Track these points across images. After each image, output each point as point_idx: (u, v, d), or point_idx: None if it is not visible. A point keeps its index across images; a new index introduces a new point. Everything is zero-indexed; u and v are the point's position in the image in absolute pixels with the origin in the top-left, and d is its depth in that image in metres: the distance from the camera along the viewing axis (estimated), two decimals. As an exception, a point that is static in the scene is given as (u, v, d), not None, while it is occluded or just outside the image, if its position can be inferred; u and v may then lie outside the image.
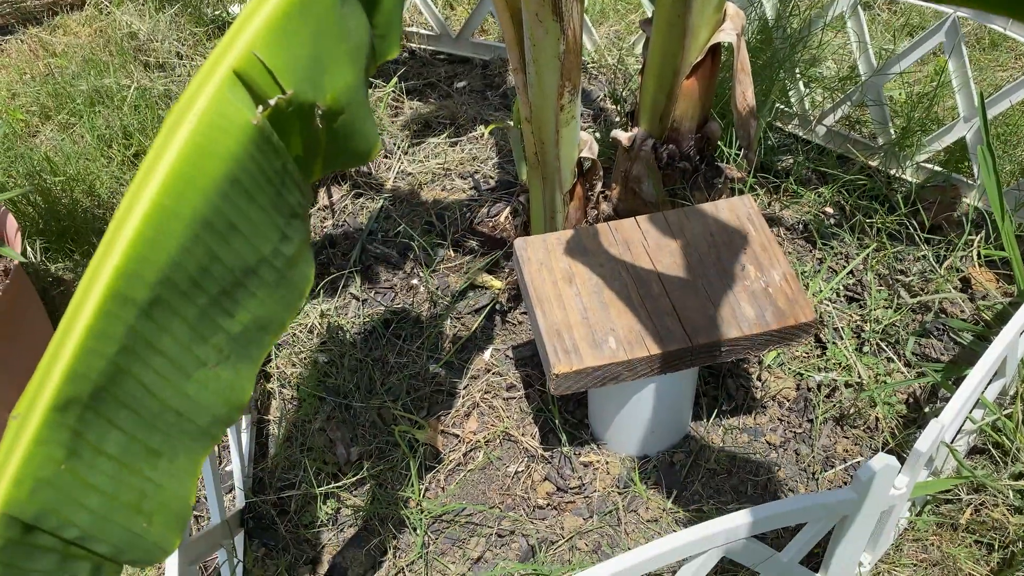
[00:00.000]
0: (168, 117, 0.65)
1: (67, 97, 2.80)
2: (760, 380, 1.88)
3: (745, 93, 1.81)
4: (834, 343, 1.96)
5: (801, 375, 1.90)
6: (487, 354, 2.01)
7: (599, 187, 1.79)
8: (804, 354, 1.96)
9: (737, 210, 1.63)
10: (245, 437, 1.83)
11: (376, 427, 1.86)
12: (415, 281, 2.15)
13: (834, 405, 1.85)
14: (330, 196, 2.44)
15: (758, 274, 1.51)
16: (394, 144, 2.54)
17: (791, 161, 2.45)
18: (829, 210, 2.35)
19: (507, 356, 2.00)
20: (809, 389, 1.89)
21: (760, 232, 1.59)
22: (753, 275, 1.51)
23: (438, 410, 1.88)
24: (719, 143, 2.12)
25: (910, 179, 2.33)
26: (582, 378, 1.41)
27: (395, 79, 2.69)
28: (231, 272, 0.70)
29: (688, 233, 1.59)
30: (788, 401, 1.87)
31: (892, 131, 2.37)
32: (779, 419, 1.84)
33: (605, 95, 2.69)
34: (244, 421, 1.85)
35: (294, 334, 2.07)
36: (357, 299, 2.13)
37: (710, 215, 1.62)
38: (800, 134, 2.57)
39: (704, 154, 2.00)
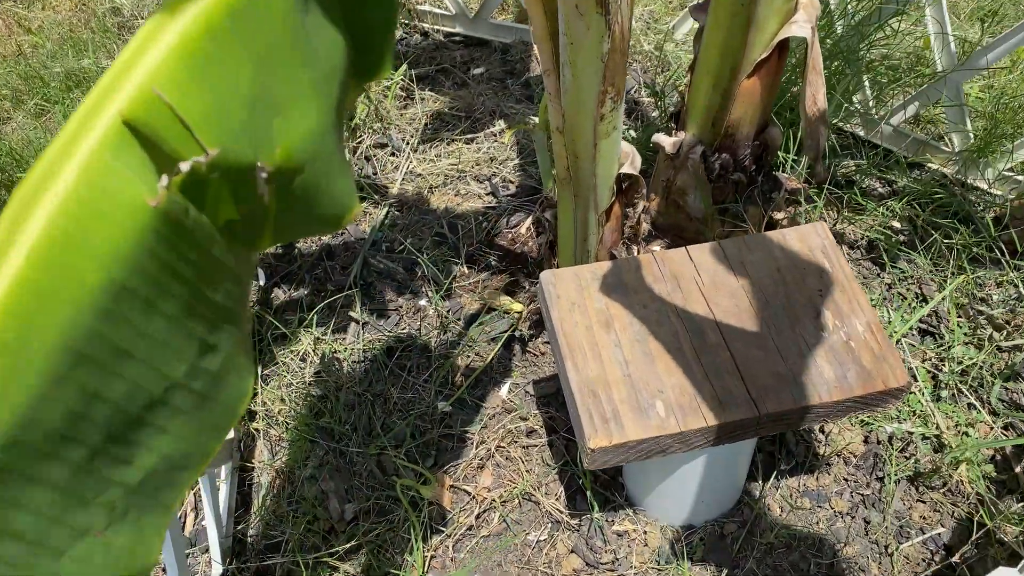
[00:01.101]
0: (14, 196, 0.42)
1: (40, 80, 2.57)
2: (823, 433, 1.64)
3: (816, 96, 1.55)
4: (910, 388, 1.71)
5: (870, 426, 1.66)
6: (504, 390, 1.77)
7: (641, 206, 1.54)
8: (874, 400, 1.71)
9: (809, 240, 1.38)
10: (224, 488, 1.62)
11: (374, 478, 1.63)
12: (423, 302, 1.92)
13: (909, 462, 1.61)
14: (329, 199, 2.20)
15: (837, 323, 1.26)
16: (403, 140, 2.30)
17: (852, 167, 2.19)
18: (896, 225, 2.09)
19: (528, 392, 1.76)
20: (879, 442, 1.65)
21: (838, 269, 1.34)
22: (831, 324, 1.27)
23: (446, 460, 1.66)
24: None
25: (995, 192, 2.06)
26: (623, 452, 1.18)
27: (404, 65, 2.44)
28: (123, 411, 0.48)
29: (750, 268, 1.34)
30: (855, 457, 1.63)
31: (971, 134, 2.10)
32: (845, 479, 1.61)
33: (640, 86, 2.43)
34: (224, 470, 1.63)
35: (283, 363, 1.84)
36: (356, 322, 1.90)
37: (776, 245, 1.38)
38: (861, 134, 2.30)
39: (761, 163, 1.74)
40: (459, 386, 1.77)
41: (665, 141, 1.74)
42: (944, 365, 1.76)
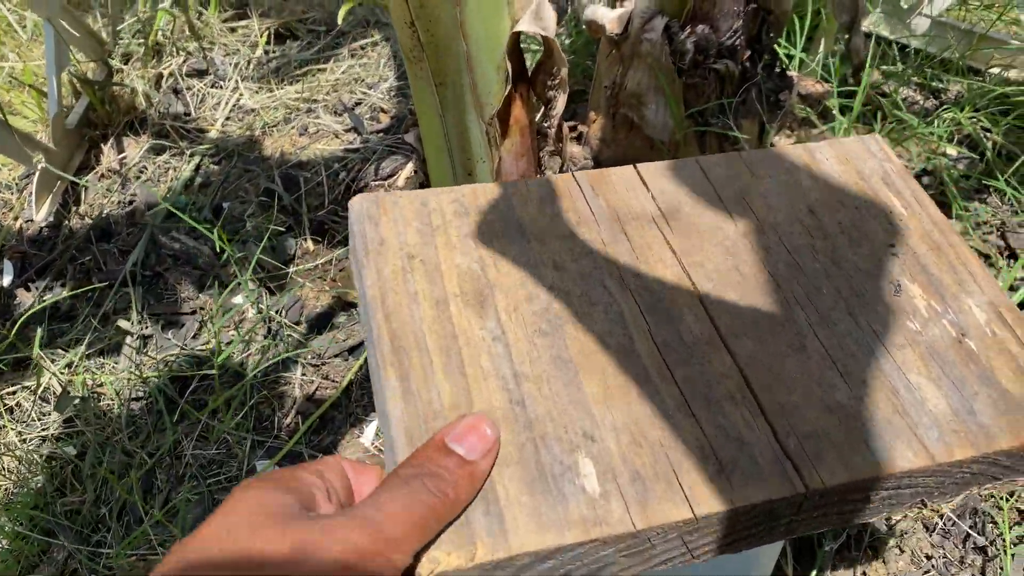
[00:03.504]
0: None
1: None
2: (887, 479, 1.07)
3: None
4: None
5: (959, 461, 1.09)
6: (369, 433, 1.18)
7: (560, 105, 0.95)
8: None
9: (858, 161, 0.82)
10: None
11: (134, 601, 1.03)
12: (238, 299, 1.31)
13: (1026, 518, 1.05)
14: (120, 151, 1.58)
15: (935, 305, 0.70)
16: (231, 65, 1.69)
17: (881, 76, 1.63)
18: (952, 152, 1.54)
19: (405, 434, 1.16)
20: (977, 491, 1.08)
21: (917, 209, 0.78)
22: (924, 306, 0.70)
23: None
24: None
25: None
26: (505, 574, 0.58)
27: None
28: None
29: (759, 204, 0.77)
30: (941, 519, 1.06)
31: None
32: (928, 557, 1.04)
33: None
34: None
35: (11, 407, 1.23)
36: (132, 336, 1.29)
37: (801, 168, 0.81)
38: (886, 35, 1.75)
39: (759, 46, 1.17)
40: (292, 432, 1.18)
41: (604, 14, 1.16)
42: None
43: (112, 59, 1.64)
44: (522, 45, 0.91)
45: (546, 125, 1.03)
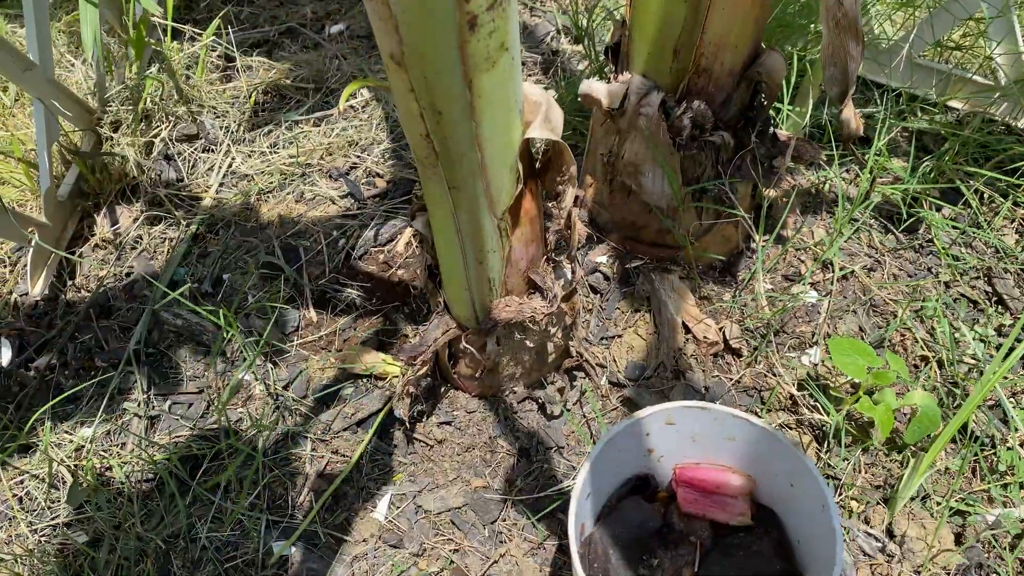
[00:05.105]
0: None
1: None
2: (889, 533, 1.09)
3: (840, -10, 1.00)
4: (1006, 442, 1.19)
5: (963, 515, 1.12)
6: (382, 508, 1.19)
7: (570, 197, 0.96)
8: (960, 471, 1.17)
9: None
10: None
11: None
12: (245, 375, 1.31)
13: (1029, 569, 1.08)
14: (114, 222, 1.57)
15: None
16: (221, 128, 1.68)
17: (863, 117, 1.66)
18: (935, 195, 1.57)
19: (420, 508, 1.18)
20: (980, 542, 1.11)
21: None
22: None
23: (283, 650, 1.06)
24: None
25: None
26: None
27: (216, 21, 1.80)
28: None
29: None
30: (947, 574, 1.08)
31: (1026, 59, 1.60)
32: (938, 613, 1.06)
33: (559, 29, 1.87)
34: None
35: (21, 496, 1.21)
36: (140, 417, 1.28)
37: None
38: (866, 75, 1.78)
39: (753, 114, 1.19)
40: (306, 510, 1.17)
41: (600, 90, 1.17)
42: (1052, 402, 1.23)
43: (101, 127, 1.63)
44: (532, 141, 0.92)
45: (556, 208, 1.04)
